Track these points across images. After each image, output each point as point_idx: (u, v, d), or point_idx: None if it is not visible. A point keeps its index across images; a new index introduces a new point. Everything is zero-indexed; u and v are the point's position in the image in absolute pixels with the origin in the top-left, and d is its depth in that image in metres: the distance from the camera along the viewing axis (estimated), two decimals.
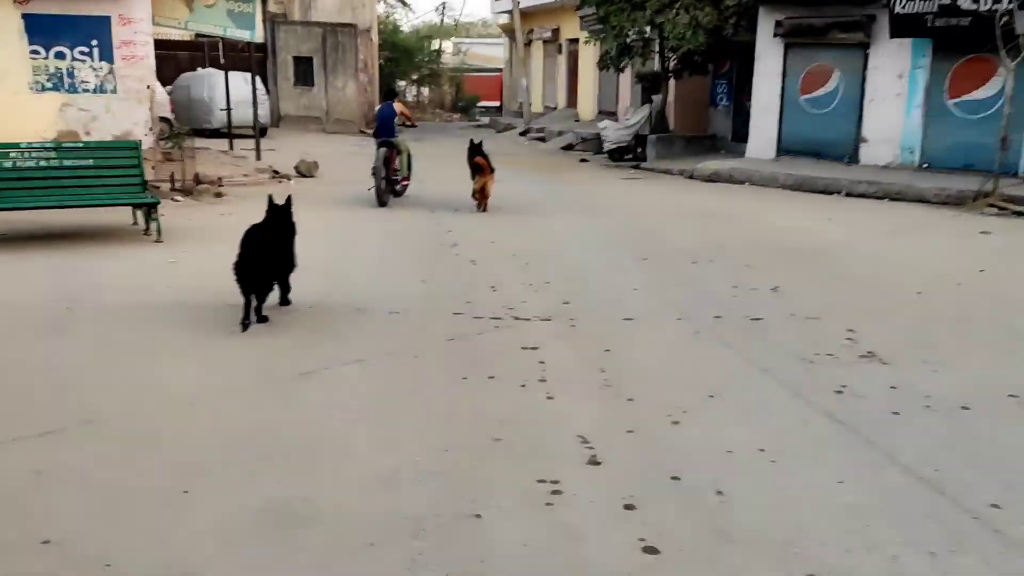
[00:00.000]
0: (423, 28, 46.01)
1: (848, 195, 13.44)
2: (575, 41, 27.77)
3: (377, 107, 12.51)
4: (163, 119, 22.37)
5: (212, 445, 3.81)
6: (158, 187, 11.62)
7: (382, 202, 11.40)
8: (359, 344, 5.32)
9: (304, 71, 27.32)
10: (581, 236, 9.54)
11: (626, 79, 24.00)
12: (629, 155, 18.64)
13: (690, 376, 4.83)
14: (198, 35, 26.37)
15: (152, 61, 13.77)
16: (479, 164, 11.01)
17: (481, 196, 11.17)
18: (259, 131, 23.19)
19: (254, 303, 5.60)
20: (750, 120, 16.87)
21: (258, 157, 15.39)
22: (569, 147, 22.14)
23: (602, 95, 25.97)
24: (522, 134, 26.72)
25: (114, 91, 13.42)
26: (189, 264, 7.49)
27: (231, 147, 17.02)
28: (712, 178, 15.48)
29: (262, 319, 5.66)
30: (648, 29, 17.91)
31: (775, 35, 16.08)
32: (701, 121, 19.55)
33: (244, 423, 4.09)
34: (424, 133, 23.60)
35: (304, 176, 14.58)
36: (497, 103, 43.20)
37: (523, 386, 4.56)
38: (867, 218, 11.22)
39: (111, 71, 13.35)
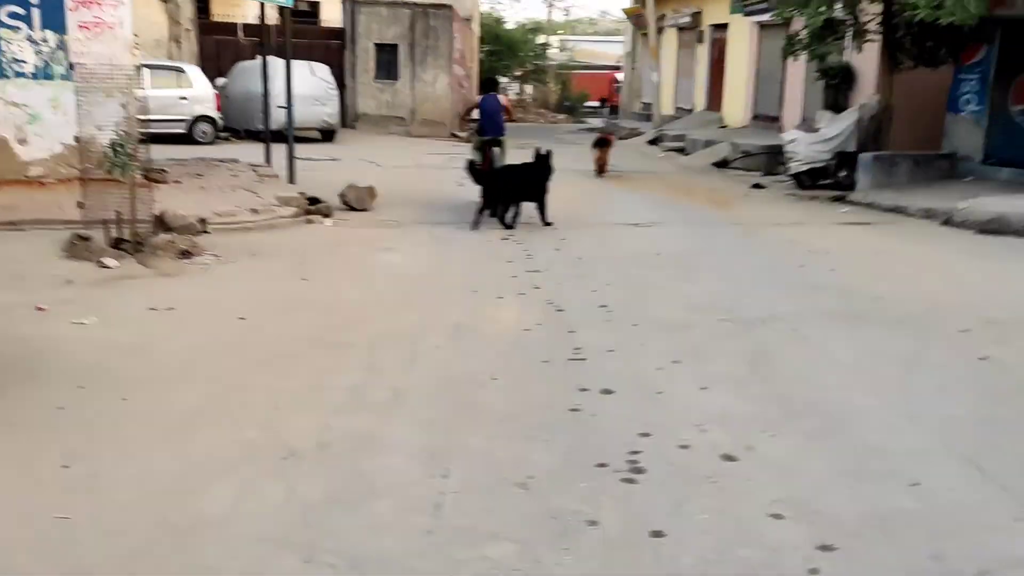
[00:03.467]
0: (528, 23, 40.95)
1: None
2: (722, 27, 22.03)
3: (478, 99, 10.29)
4: (206, 118, 18.04)
5: None
6: (88, 239, 6.79)
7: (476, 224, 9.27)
8: None
9: (387, 61, 22.54)
10: (898, 411, 4.06)
11: (797, 75, 18.17)
12: (826, 180, 12.94)
13: None
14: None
15: (128, 32, 9.02)
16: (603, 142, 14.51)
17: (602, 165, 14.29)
18: (319, 134, 18.55)
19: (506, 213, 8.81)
20: None
21: (291, 179, 10.43)
22: (723, 163, 16.50)
23: (760, 96, 20.14)
24: (652, 143, 21.19)
25: (65, 77, 8.72)
26: None
27: (268, 159, 12.19)
28: (991, 227, 9.63)
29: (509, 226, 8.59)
30: None
31: None
32: (931, 133, 13.59)
33: None
34: (527, 137, 18.43)
35: (353, 209, 9.58)
36: (601, 103, 38.70)
37: None
38: None
39: (61, 45, 8.66)
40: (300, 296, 5.84)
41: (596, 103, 39.99)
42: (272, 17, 22.84)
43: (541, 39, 41.03)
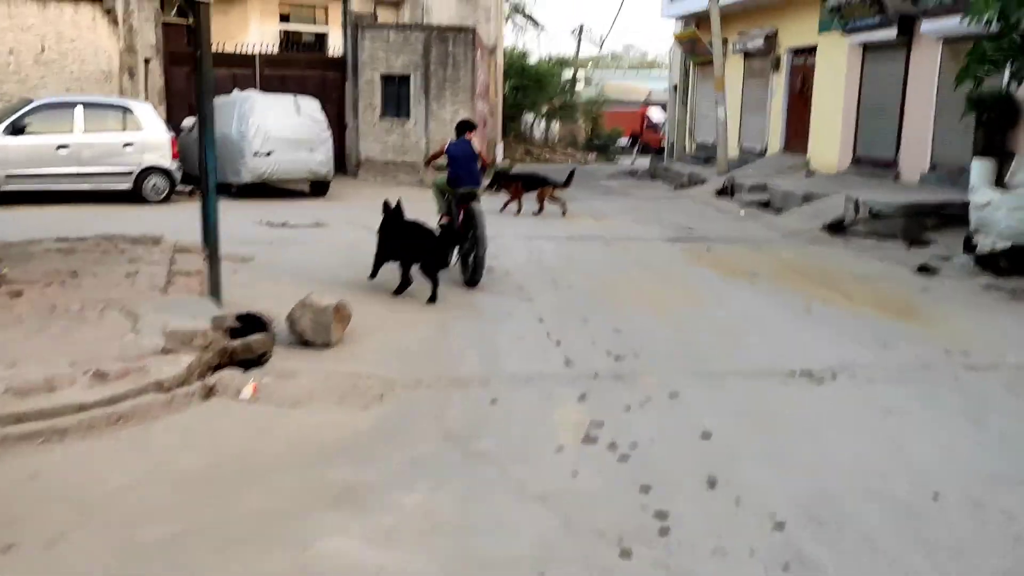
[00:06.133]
0: (554, 58, 37.13)
1: None
2: (806, 50, 17.95)
3: (449, 143, 8.25)
4: (158, 170, 14.06)
5: None
6: None
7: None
8: None
9: (397, 95, 18.58)
10: None
11: (923, 107, 14.09)
12: None
13: None
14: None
15: None
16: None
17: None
18: (308, 186, 14.35)
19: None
20: None
21: (213, 289, 6.26)
22: (838, 226, 12.26)
23: (864, 134, 15.91)
24: (722, 193, 16.97)
25: None
26: None
27: (206, 237, 8.03)
28: None
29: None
30: None
31: None
32: None
33: None
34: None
35: (309, 344, 5.44)
36: (632, 141, 35.54)
37: None
38: None
39: None
40: None
41: (626, 140, 36.91)
42: (266, 45, 19.07)
43: (568, 73, 37.26)
